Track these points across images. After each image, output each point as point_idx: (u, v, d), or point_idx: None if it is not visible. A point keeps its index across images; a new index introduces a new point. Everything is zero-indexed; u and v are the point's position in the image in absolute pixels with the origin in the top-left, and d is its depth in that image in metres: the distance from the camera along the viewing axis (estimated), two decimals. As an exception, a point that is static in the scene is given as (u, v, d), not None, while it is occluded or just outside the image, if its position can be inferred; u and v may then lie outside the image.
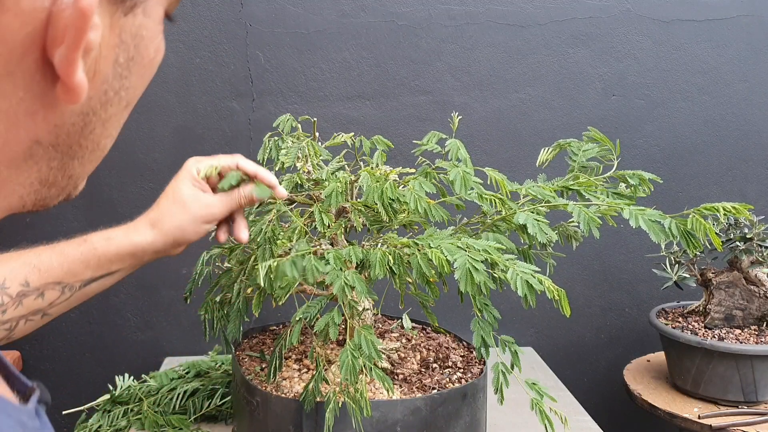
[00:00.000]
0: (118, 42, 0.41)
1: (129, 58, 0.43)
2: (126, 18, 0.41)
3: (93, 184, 1.68)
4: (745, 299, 1.42)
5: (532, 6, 1.73)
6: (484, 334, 0.87)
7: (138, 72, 0.45)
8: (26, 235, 1.70)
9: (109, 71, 0.42)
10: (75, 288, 0.85)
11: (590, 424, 1.34)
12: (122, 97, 0.45)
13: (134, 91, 0.46)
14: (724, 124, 1.81)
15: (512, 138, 1.77)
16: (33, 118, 0.41)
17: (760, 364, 1.35)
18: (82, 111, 0.43)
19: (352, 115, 1.73)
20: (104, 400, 1.27)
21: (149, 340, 1.75)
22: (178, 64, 1.67)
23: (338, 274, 0.83)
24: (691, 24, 1.76)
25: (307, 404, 0.87)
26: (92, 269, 0.85)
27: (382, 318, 1.17)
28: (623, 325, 1.87)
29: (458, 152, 0.98)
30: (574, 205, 0.90)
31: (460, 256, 0.81)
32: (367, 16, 1.70)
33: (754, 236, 1.38)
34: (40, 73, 0.40)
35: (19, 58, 0.39)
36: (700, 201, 0.97)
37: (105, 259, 0.85)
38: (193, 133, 1.71)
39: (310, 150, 1.02)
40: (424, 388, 0.94)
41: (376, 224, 0.94)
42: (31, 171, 0.44)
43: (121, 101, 0.46)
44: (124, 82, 0.44)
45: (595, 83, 1.77)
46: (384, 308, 1.14)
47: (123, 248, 0.86)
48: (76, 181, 0.49)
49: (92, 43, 0.39)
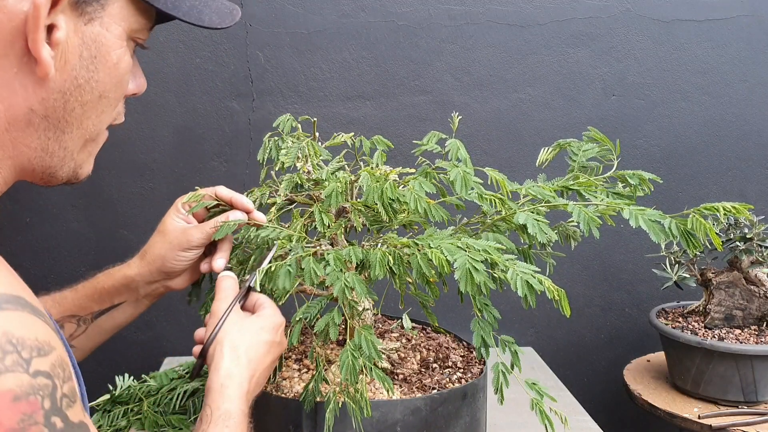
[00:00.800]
0: (81, 42, 0.61)
1: (92, 56, 0.62)
2: (86, 26, 0.61)
3: (93, 184, 1.68)
4: (745, 299, 1.42)
5: (532, 6, 1.73)
6: (484, 334, 0.87)
7: (104, 71, 0.64)
8: (26, 235, 1.70)
9: (76, 62, 0.61)
10: (88, 321, 0.94)
11: (590, 424, 1.34)
12: (94, 87, 0.64)
13: (105, 85, 0.64)
14: (724, 124, 1.81)
15: (512, 138, 1.77)
16: (26, 90, 0.60)
17: (760, 364, 1.35)
18: (60, 89, 0.61)
19: (352, 115, 1.73)
20: (104, 400, 1.27)
21: (149, 340, 1.75)
22: (178, 64, 1.67)
23: (338, 276, 0.83)
24: (691, 24, 1.76)
25: (307, 404, 0.87)
26: (97, 302, 0.95)
27: (382, 318, 1.17)
28: (623, 325, 1.87)
29: (458, 152, 0.98)
30: (574, 205, 0.90)
31: (460, 256, 0.81)
32: (367, 16, 1.70)
33: (754, 236, 1.38)
34: (27, 56, 0.59)
35: (10, 45, 0.58)
36: (700, 201, 0.97)
37: (105, 292, 0.94)
38: (193, 133, 1.71)
39: (310, 150, 1.02)
40: (424, 388, 0.94)
41: (376, 224, 0.94)
42: (33, 137, 0.62)
43: (94, 90, 0.64)
44: (92, 74, 0.63)
45: (595, 83, 1.77)
46: (384, 308, 1.14)
47: (118, 280, 0.94)
48: (72, 155, 0.66)
49: (59, 39, 0.59)
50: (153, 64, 1.66)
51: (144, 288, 0.95)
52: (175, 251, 0.92)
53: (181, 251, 0.92)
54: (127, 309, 0.97)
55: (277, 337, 0.85)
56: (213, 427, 0.74)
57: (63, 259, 1.72)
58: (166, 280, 0.96)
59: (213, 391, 0.77)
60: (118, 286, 0.94)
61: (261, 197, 1.03)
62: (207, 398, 0.78)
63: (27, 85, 0.60)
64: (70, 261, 1.72)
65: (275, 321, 0.85)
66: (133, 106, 1.66)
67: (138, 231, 1.71)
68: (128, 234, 1.72)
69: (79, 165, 0.68)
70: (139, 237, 1.71)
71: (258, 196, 1.03)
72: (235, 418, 0.75)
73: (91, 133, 0.67)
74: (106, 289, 0.94)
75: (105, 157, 1.76)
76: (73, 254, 1.72)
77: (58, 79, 0.61)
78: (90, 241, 1.72)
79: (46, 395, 0.51)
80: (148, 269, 0.94)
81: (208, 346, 0.82)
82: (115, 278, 0.94)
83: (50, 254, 1.71)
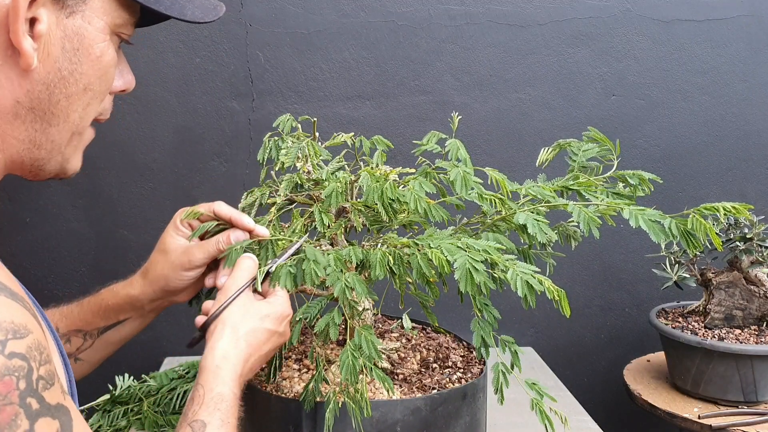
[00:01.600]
0: (63, 35, 0.63)
1: (75, 48, 0.64)
2: (68, 19, 0.63)
3: (93, 184, 1.68)
4: (745, 299, 1.42)
5: (532, 6, 1.73)
6: (484, 334, 0.87)
7: (88, 63, 0.66)
8: (26, 235, 1.70)
9: (59, 54, 0.63)
10: (94, 335, 0.95)
11: (590, 424, 1.34)
12: (78, 79, 0.65)
13: (89, 77, 0.66)
14: (724, 124, 1.81)
15: (512, 138, 1.77)
16: (11, 82, 0.62)
17: (760, 364, 1.35)
18: (45, 81, 0.63)
19: (352, 115, 1.73)
20: (104, 400, 1.27)
21: (149, 340, 1.75)
22: (178, 64, 1.67)
23: (339, 276, 0.83)
24: (691, 24, 1.76)
25: (307, 404, 0.87)
26: (102, 318, 0.95)
27: (382, 318, 1.17)
28: (623, 325, 1.87)
29: (458, 152, 0.98)
30: (574, 205, 0.90)
31: (460, 256, 0.81)
32: (367, 16, 1.70)
33: (754, 236, 1.38)
34: (11, 49, 0.61)
35: None
36: (700, 201, 0.97)
37: (110, 309, 0.95)
38: (193, 133, 1.71)
39: (310, 150, 1.02)
40: (424, 388, 0.94)
41: (376, 224, 0.94)
42: (20, 129, 0.64)
43: (78, 83, 0.65)
44: (75, 66, 0.65)
45: (595, 83, 1.77)
46: (384, 308, 1.14)
47: (122, 300, 0.94)
48: (60, 148, 0.68)
49: (40, 31, 0.61)
50: (153, 64, 1.66)
51: (148, 305, 0.95)
52: (177, 271, 0.91)
53: (183, 271, 0.92)
54: (133, 323, 0.97)
55: (281, 328, 0.85)
56: (204, 409, 0.74)
57: (63, 259, 1.72)
58: (170, 296, 0.95)
59: (207, 370, 0.77)
60: (122, 305, 0.94)
61: (261, 197, 1.03)
62: (200, 377, 0.77)
63: (12, 77, 0.62)
64: (70, 261, 1.72)
65: (282, 311, 0.85)
66: (133, 106, 1.67)
67: (138, 231, 1.71)
68: (128, 234, 1.72)
69: (67, 159, 0.70)
70: (139, 237, 1.71)
71: (258, 196, 1.03)
72: (227, 401, 0.75)
73: (78, 126, 0.68)
74: (110, 306, 0.94)
75: (105, 157, 1.76)
76: (73, 254, 1.72)
77: (42, 70, 0.63)
78: (90, 241, 1.72)
79: (22, 376, 0.52)
80: (152, 289, 0.93)
81: (211, 321, 0.82)
82: (119, 296, 0.94)
83: (50, 254, 1.71)
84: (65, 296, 1.00)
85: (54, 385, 0.56)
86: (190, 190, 1.71)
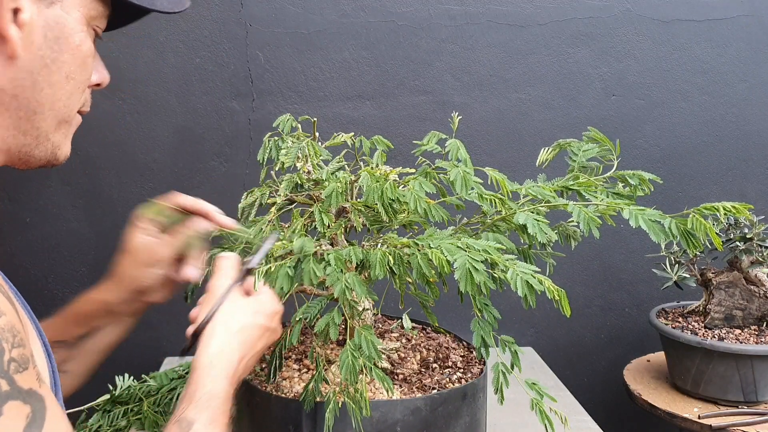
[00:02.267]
0: (44, 24, 0.65)
1: (56, 37, 0.66)
2: (48, 9, 0.66)
3: (93, 184, 1.68)
4: (745, 299, 1.42)
5: (532, 6, 1.73)
6: (484, 334, 0.87)
7: (68, 52, 0.68)
8: (26, 235, 1.70)
9: (42, 42, 0.65)
10: (72, 345, 0.92)
11: (590, 424, 1.34)
12: (60, 68, 0.67)
13: (70, 66, 0.68)
14: (724, 124, 1.81)
15: (512, 138, 1.77)
16: None
17: (760, 364, 1.35)
18: (29, 69, 0.65)
19: (352, 115, 1.73)
20: (104, 400, 1.27)
21: (149, 340, 1.75)
22: (178, 64, 1.67)
23: (339, 276, 0.83)
24: (691, 24, 1.76)
25: (307, 404, 0.87)
26: (79, 326, 0.93)
27: (382, 318, 1.17)
28: (623, 325, 1.87)
29: (458, 152, 0.98)
30: (574, 205, 0.90)
31: (460, 256, 0.81)
32: (367, 16, 1.70)
33: (754, 236, 1.38)
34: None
35: None
36: (700, 201, 0.97)
37: (83, 317, 0.93)
38: (193, 133, 1.71)
39: (310, 150, 1.02)
40: (424, 388, 0.94)
41: (376, 224, 0.94)
42: (5, 116, 0.66)
43: (60, 71, 0.68)
44: (57, 55, 0.67)
45: (595, 83, 1.77)
46: (384, 308, 1.14)
47: (95, 306, 0.93)
48: (47, 135, 0.69)
49: (24, 20, 0.63)
50: (153, 64, 1.66)
51: (123, 309, 0.93)
52: (142, 269, 0.90)
53: (149, 268, 0.90)
54: (113, 330, 0.95)
55: (273, 324, 0.84)
56: (194, 407, 0.73)
57: (63, 259, 1.72)
58: (143, 297, 0.93)
59: (199, 368, 0.76)
60: (96, 311, 0.93)
61: (261, 197, 1.03)
62: (192, 376, 0.76)
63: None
64: (70, 261, 1.72)
65: (272, 307, 0.84)
66: (133, 106, 1.67)
67: (138, 231, 1.71)
68: (128, 234, 1.72)
69: (57, 146, 0.71)
70: (139, 237, 1.71)
71: (258, 196, 1.03)
72: (218, 399, 0.74)
73: (64, 114, 0.70)
74: (84, 313, 0.93)
75: (105, 157, 1.76)
76: (73, 254, 1.72)
77: (25, 58, 0.65)
78: (90, 241, 1.72)
79: None
80: (122, 291, 0.92)
81: (201, 329, 0.80)
82: (92, 303, 0.93)
83: (50, 254, 1.71)
84: (65, 296, 1.00)
85: (28, 370, 0.56)
86: (190, 190, 1.69)
